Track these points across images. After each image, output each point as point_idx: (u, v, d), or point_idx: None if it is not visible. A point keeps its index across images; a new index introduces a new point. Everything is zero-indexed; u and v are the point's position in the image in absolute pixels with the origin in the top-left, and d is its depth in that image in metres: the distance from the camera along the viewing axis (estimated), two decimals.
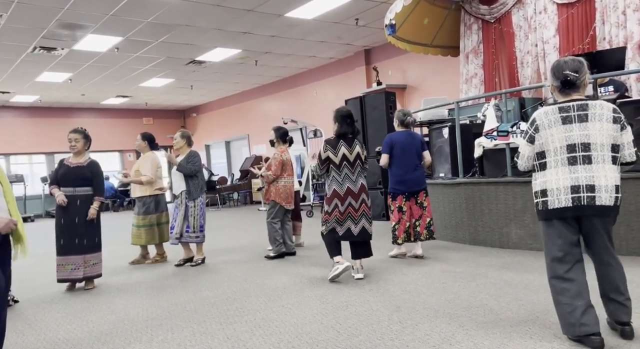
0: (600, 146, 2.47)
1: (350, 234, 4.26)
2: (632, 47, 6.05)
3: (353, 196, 4.25)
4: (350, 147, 4.29)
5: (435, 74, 10.03)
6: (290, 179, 5.69)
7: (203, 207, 5.48)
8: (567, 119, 2.51)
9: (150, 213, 5.76)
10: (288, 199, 5.63)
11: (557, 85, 2.60)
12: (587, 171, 2.45)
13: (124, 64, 11.08)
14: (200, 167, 5.50)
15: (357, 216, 4.25)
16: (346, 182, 4.25)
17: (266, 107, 14.93)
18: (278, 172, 5.53)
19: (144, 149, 5.93)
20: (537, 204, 2.60)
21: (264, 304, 3.68)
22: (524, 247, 5.04)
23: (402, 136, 4.97)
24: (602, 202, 2.44)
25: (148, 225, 5.75)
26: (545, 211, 2.55)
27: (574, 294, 2.47)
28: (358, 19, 9.02)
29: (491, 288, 3.69)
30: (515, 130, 5.09)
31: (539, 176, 2.61)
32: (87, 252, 4.56)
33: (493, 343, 2.62)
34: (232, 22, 8.66)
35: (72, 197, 4.51)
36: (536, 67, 7.34)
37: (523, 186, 5.02)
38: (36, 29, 8.31)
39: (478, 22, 8.22)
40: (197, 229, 5.40)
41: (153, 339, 3.11)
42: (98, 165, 4.74)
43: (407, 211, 4.99)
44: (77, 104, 16.05)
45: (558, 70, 2.58)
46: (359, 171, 4.31)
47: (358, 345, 2.73)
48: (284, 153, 5.67)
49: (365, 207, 4.28)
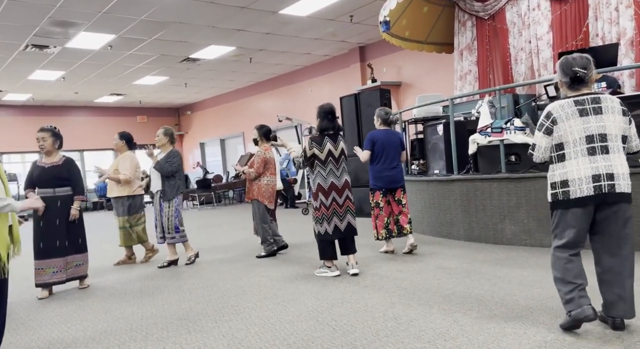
0: (615, 137, 2.58)
1: (339, 231, 4.35)
2: (625, 44, 6.08)
3: (337, 191, 4.35)
4: (335, 143, 4.40)
5: (430, 71, 10.04)
6: (273, 178, 5.65)
7: (179, 208, 5.30)
8: (584, 112, 2.59)
9: (126, 215, 5.64)
10: (270, 198, 5.59)
11: (566, 81, 2.68)
12: (606, 160, 2.56)
13: (118, 62, 11.01)
14: (179, 168, 5.30)
15: (341, 211, 4.35)
16: (330, 177, 4.35)
17: (261, 105, 14.90)
18: (260, 170, 5.50)
19: (121, 149, 5.80)
20: (557, 195, 2.66)
21: (259, 302, 3.68)
22: (518, 244, 5.07)
23: (383, 133, 5.09)
24: (622, 189, 2.55)
25: (127, 226, 5.66)
26: (566, 201, 2.61)
27: (575, 274, 2.59)
28: (352, 16, 9.01)
29: (485, 284, 3.70)
30: (509, 126, 5.10)
31: (557, 167, 2.67)
32: (70, 254, 4.41)
33: (487, 339, 2.63)
34: (226, 19, 8.62)
35: (51, 198, 4.30)
36: (530, 64, 7.37)
37: (517, 182, 5.04)
38: (28, 26, 8.24)
39: (472, 19, 8.23)
40: (172, 230, 5.23)
41: (148, 337, 3.10)
42: (74, 163, 4.59)
43: (385, 207, 5.09)
44: (70, 102, 15.95)
45: (567, 66, 2.66)
46: (343, 166, 4.42)
47: (353, 342, 2.74)
48: (268, 151, 5.64)
49: (349, 203, 4.40)
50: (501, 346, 2.51)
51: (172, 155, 5.30)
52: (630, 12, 6.07)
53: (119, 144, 5.82)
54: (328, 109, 4.44)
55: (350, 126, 9.27)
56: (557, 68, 2.74)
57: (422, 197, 6.21)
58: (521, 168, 5.22)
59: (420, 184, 6.24)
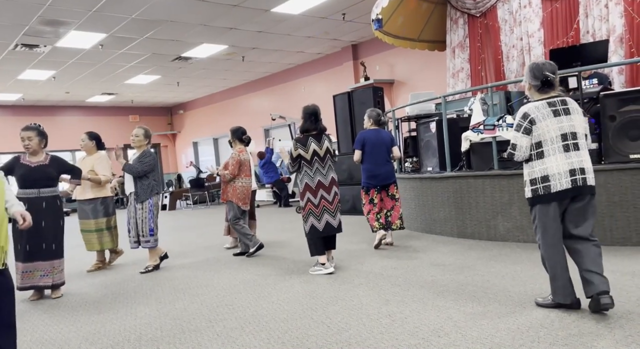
0: (581, 135, 2.87)
1: (331, 228, 4.44)
2: (615, 40, 6.13)
3: (325, 188, 4.46)
4: (320, 142, 4.50)
5: (423, 69, 10.07)
6: (248, 179, 5.63)
7: (153, 210, 5.07)
8: (557, 112, 2.85)
9: (104, 216, 5.44)
10: (245, 200, 5.57)
11: (536, 84, 2.91)
12: (578, 156, 2.83)
13: (109, 61, 10.94)
14: (152, 168, 5.09)
15: (332, 208, 4.46)
16: (317, 176, 4.45)
17: (254, 104, 14.86)
18: (235, 172, 5.49)
19: (91, 150, 5.57)
20: (537, 190, 2.85)
21: (253, 301, 3.68)
22: (511, 240, 5.10)
23: (372, 133, 5.29)
24: (591, 182, 2.83)
25: (105, 228, 5.46)
26: (547, 195, 2.82)
27: (564, 266, 2.87)
28: (345, 14, 9.00)
29: (479, 280, 3.72)
30: (501, 123, 5.13)
31: (537, 164, 2.86)
32: (55, 258, 4.24)
33: (481, 334, 2.64)
34: (217, 17, 8.59)
35: (36, 199, 4.11)
36: (521, 61, 7.40)
37: (509, 178, 5.07)
38: (17, 25, 8.16)
39: (464, 17, 8.25)
40: (146, 234, 5.04)
41: (142, 337, 3.09)
42: (60, 158, 4.46)
43: (378, 203, 5.33)
44: (61, 102, 15.82)
45: (539, 71, 2.89)
46: (329, 165, 4.52)
47: (348, 339, 2.74)
48: (242, 153, 5.61)
49: (338, 201, 4.52)
50: (494, 342, 2.53)
51: (145, 155, 5.11)
52: (620, 9, 6.12)
53: (88, 144, 5.55)
54: (311, 110, 4.54)
55: (344, 124, 9.28)
56: (527, 73, 2.95)
57: (416, 195, 6.23)
58: (513, 165, 5.24)
59: (414, 181, 6.26)
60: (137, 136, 5.18)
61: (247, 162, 5.65)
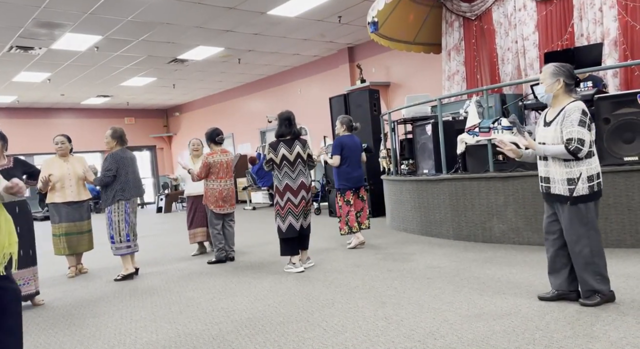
0: None
1: (293, 230, 4.62)
2: (609, 43, 6.17)
3: (292, 192, 4.64)
4: (290, 147, 4.67)
5: (418, 71, 10.09)
6: (221, 182, 5.40)
7: (112, 217, 4.86)
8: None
9: (89, 218, 5.45)
10: (217, 203, 5.38)
11: (571, 83, 3.01)
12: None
13: (104, 63, 10.90)
14: (115, 172, 4.83)
15: (297, 211, 4.62)
16: (285, 179, 4.65)
17: (250, 106, 14.86)
18: (202, 175, 5.39)
19: (68, 152, 5.44)
20: (593, 186, 2.94)
21: (250, 304, 3.67)
22: (506, 242, 5.11)
23: (348, 138, 5.69)
24: None
25: (90, 230, 5.46)
26: (599, 191, 2.96)
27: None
28: (341, 16, 9.02)
29: (475, 282, 3.73)
30: (496, 126, 5.13)
31: (593, 161, 2.96)
32: (33, 265, 4.10)
33: (477, 337, 2.65)
34: (213, 20, 8.59)
35: (9, 204, 3.84)
36: (516, 64, 7.44)
37: (504, 181, 5.09)
38: (12, 27, 8.12)
39: (459, 20, 8.29)
40: (123, 239, 4.89)
41: (137, 341, 3.07)
42: (23, 159, 4.38)
43: (354, 204, 5.70)
44: (56, 104, 15.76)
45: (572, 72, 3.01)
46: (300, 169, 4.67)
47: (344, 342, 2.74)
48: (213, 155, 5.42)
49: (304, 203, 4.66)
50: (490, 344, 2.53)
51: (105, 159, 4.92)
52: (614, 13, 6.16)
53: (68, 147, 5.42)
54: (285, 116, 4.72)
55: None
56: (558, 72, 2.99)
57: (412, 197, 6.24)
58: (509, 167, 5.26)
59: (410, 183, 6.27)
60: (106, 138, 5.05)
61: (219, 164, 5.41)
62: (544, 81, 3.03)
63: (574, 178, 2.93)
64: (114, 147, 5.03)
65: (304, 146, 4.72)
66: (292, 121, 4.70)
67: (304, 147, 4.72)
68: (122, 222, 4.90)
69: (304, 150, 4.71)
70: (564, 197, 2.97)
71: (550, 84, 3.01)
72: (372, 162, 8.28)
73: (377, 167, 7.89)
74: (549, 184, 3.04)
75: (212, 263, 5.40)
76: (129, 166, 4.95)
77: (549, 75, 3.01)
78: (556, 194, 3.01)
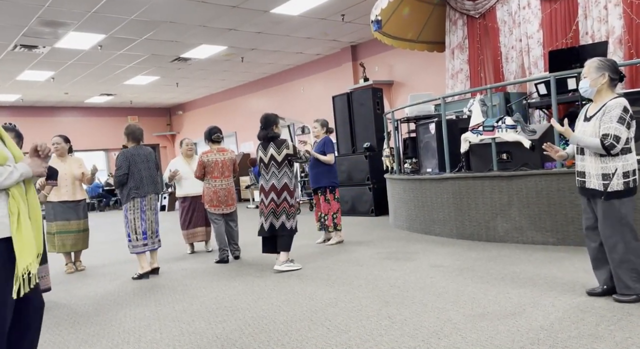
0: None
1: (262, 230, 4.72)
2: (614, 41, 6.14)
3: (264, 193, 4.76)
4: (265, 150, 4.78)
5: (422, 70, 10.07)
6: (215, 181, 5.36)
7: (128, 215, 4.86)
8: None
9: (86, 217, 5.51)
10: (212, 203, 5.35)
11: (616, 78, 3.01)
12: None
13: (108, 62, 10.92)
14: (125, 170, 4.81)
15: (265, 212, 4.71)
16: (261, 181, 4.83)
17: (253, 105, 14.86)
18: (197, 174, 5.40)
19: (65, 152, 5.47)
20: (629, 183, 2.94)
21: (253, 303, 3.67)
22: (510, 241, 5.10)
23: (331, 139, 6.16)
24: None
25: (87, 228, 5.51)
26: (635, 188, 2.95)
27: None
28: (344, 15, 9.00)
29: (478, 282, 3.72)
30: (500, 125, 5.12)
31: (629, 158, 2.96)
32: (46, 262, 4.12)
33: (481, 336, 2.64)
34: (217, 18, 8.58)
35: None
36: (520, 62, 7.41)
37: (508, 180, 5.07)
38: (16, 26, 8.15)
39: (463, 18, 8.26)
40: (140, 237, 4.90)
41: (141, 339, 3.08)
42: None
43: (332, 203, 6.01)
44: (60, 103, 15.80)
45: (617, 66, 3.02)
46: (272, 171, 4.73)
47: (347, 341, 2.74)
48: (208, 154, 5.39)
49: (273, 205, 4.67)
50: (494, 344, 2.52)
51: (117, 157, 4.91)
52: (619, 11, 6.12)
53: (65, 147, 5.45)
54: (263, 118, 4.86)
55: (343, 125, 9.28)
56: (606, 66, 2.99)
57: (415, 196, 6.23)
58: (512, 166, 5.25)
59: (413, 182, 6.26)
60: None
61: (214, 163, 5.37)
62: (588, 75, 3.03)
63: (609, 173, 2.94)
64: (128, 145, 5.01)
65: (279, 147, 4.71)
66: (268, 123, 4.80)
67: (279, 148, 4.71)
68: (137, 220, 4.87)
69: (279, 151, 4.70)
70: (598, 191, 2.97)
71: (595, 79, 3.00)
72: (375, 161, 8.28)
73: (380, 166, 7.88)
74: (584, 179, 3.04)
75: (217, 262, 5.41)
76: (142, 163, 4.89)
77: (593, 70, 3.01)
78: (591, 189, 3.02)
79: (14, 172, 1.98)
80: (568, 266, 3.97)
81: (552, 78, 4.93)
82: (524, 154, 5.11)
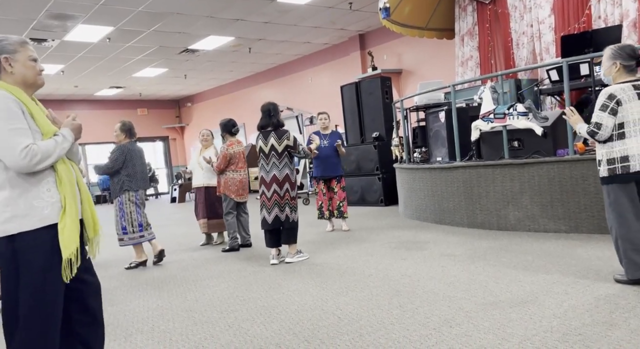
0: None
1: (265, 223, 4.60)
2: (628, 25, 6.00)
3: (265, 184, 4.63)
4: (266, 140, 4.65)
5: (431, 58, 9.96)
6: (241, 171, 5.57)
7: (124, 208, 4.94)
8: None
9: None
10: (238, 192, 5.53)
11: (630, 64, 3.00)
12: None
13: (116, 54, 10.96)
14: (121, 164, 4.92)
15: (269, 205, 4.58)
16: (261, 172, 4.70)
17: (261, 95, 14.83)
18: (221, 166, 5.47)
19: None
20: (615, 169, 2.98)
21: (264, 292, 3.69)
22: (521, 229, 5.06)
23: None
24: None
25: None
26: (625, 175, 2.96)
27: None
28: (351, 3, 8.91)
29: (490, 270, 3.70)
30: (511, 112, 5.06)
31: (617, 145, 2.98)
32: None
33: (493, 325, 2.63)
34: (224, 9, 8.55)
35: None
36: (532, 48, 7.29)
37: (520, 167, 5.02)
38: (26, 20, 8.19)
39: (473, 4, 8.13)
40: (119, 232, 4.98)
41: (154, 329, 3.12)
42: None
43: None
44: (70, 95, 15.91)
45: (633, 51, 3.00)
46: (273, 162, 4.61)
47: (359, 330, 2.75)
48: (232, 146, 5.53)
49: (277, 197, 4.56)
50: (507, 332, 2.51)
51: (113, 151, 5.03)
52: None
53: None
54: (263, 108, 4.72)
55: (352, 114, 9.23)
56: (615, 53, 3.01)
57: (425, 185, 6.19)
58: (524, 154, 5.19)
59: (423, 171, 6.22)
60: (115, 131, 5.18)
61: (239, 154, 5.56)
62: (603, 64, 3.11)
63: (599, 160, 3.09)
64: (123, 140, 5.13)
65: (279, 138, 4.60)
66: (270, 112, 4.66)
67: (280, 139, 4.60)
68: (134, 213, 4.98)
69: (280, 142, 4.59)
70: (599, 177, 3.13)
71: (608, 67, 3.08)
72: (384, 150, 8.24)
73: (389, 156, 7.84)
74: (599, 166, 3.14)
75: (226, 251, 5.47)
76: (137, 159, 5.06)
77: (606, 59, 3.08)
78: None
79: (63, 141, 2.02)
80: (581, 253, 3.93)
81: (565, 64, 4.85)
82: (535, 141, 5.04)
